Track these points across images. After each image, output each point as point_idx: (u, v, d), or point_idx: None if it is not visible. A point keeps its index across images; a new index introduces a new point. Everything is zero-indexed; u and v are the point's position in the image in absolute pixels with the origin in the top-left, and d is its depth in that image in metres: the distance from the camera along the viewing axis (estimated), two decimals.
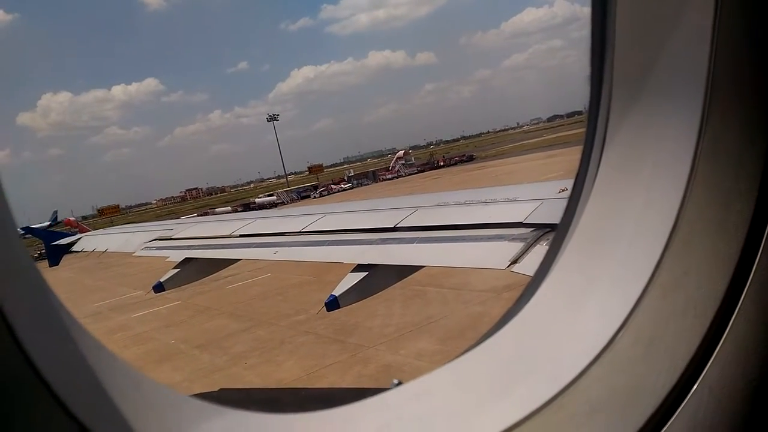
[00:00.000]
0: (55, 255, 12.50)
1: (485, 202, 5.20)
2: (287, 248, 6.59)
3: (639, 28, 1.10)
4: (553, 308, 1.25)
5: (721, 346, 1.06)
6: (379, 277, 5.21)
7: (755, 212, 1.05)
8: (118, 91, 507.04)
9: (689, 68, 1.04)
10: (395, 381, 1.27)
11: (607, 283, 1.17)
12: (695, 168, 1.05)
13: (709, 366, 1.06)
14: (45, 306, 0.93)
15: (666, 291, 1.07)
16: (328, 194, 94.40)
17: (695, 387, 1.06)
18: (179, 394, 1.17)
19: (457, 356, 1.27)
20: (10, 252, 0.87)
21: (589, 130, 1.23)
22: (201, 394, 12.40)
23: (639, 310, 1.08)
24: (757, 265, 1.05)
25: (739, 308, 1.05)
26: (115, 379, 1.00)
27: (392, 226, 5.57)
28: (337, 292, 5.10)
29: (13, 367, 0.80)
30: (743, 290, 1.05)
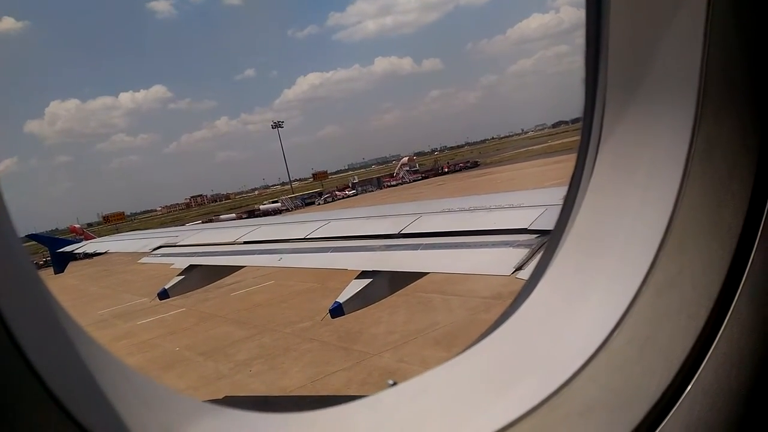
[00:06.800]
0: (60, 262, 12.57)
1: (489, 209, 5.19)
2: (291, 255, 6.59)
3: (633, 31, 1.11)
4: (548, 309, 1.25)
5: (715, 346, 1.06)
6: (383, 284, 5.20)
7: (748, 212, 1.05)
8: (125, 98, 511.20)
9: (682, 70, 1.05)
10: (390, 381, 1.28)
11: (602, 284, 1.17)
12: (689, 169, 1.05)
13: (704, 366, 1.06)
14: (44, 308, 0.94)
15: (660, 291, 1.07)
16: (332, 201, 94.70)
17: (689, 387, 1.06)
18: (176, 393, 1.20)
19: (453, 357, 1.28)
20: (9, 256, 0.88)
21: (584, 132, 1.25)
22: (205, 401, 12.37)
23: (634, 310, 1.08)
24: (751, 264, 1.05)
25: (733, 308, 1.05)
26: (113, 379, 1.01)
27: (397, 232, 5.57)
28: (341, 299, 5.10)
29: (11, 369, 0.81)
30: (737, 290, 1.05)
